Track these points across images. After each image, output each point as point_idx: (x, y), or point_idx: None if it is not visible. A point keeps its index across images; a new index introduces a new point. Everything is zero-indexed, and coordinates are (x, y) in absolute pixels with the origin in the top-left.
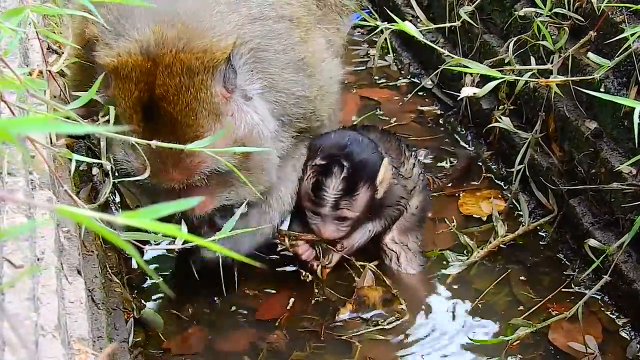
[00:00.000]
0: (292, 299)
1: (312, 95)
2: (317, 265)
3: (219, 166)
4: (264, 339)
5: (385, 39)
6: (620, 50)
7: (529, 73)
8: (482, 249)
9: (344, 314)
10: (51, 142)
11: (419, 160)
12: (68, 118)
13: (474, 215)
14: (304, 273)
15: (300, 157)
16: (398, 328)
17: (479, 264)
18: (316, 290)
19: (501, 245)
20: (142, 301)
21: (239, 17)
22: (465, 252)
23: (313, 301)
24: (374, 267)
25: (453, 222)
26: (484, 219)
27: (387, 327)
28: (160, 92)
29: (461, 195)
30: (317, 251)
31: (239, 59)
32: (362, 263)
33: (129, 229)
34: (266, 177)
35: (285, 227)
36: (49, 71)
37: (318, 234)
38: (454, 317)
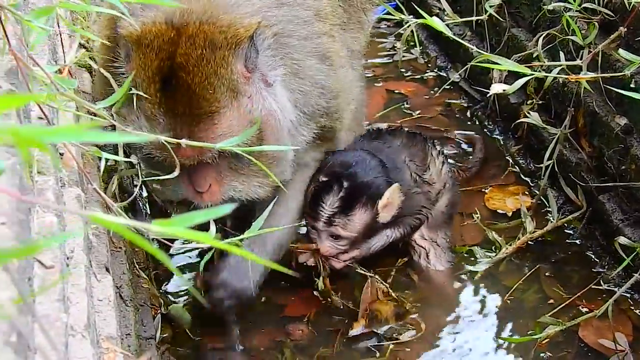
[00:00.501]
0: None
1: (336, 89)
2: (320, 278)
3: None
4: (290, 334)
5: (412, 32)
6: None
7: (558, 69)
8: (510, 245)
9: (356, 330)
10: None
11: (446, 157)
12: (95, 115)
13: (501, 211)
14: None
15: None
16: (425, 327)
17: (508, 261)
18: (324, 300)
19: (529, 242)
20: (170, 297)
21: (266, 0)
22: (493, 248)
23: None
24: (379, 279)
25: (479, 217)
26: (510, 214)
27: (402, 340)
28: (181, 61)
29: (488, 190)
30: (318, 262)
31: (262, 41)
32: (367, 273)
33: (159, 232)
34: (278, 169)
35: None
36: (69, 67)
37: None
38: (482, 314)
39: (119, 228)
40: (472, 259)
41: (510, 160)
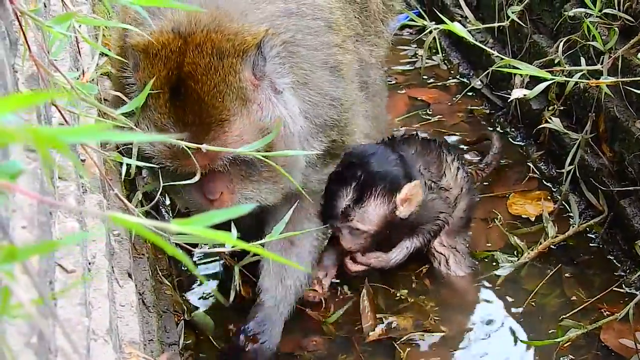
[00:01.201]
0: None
1: (346, 102)
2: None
3: (241, 154)
4: (305, 347)
5: (434, 39)
6: None
7: (579, 74)
8: (532, 249)
9: (374, 335)
10: (102, 145)
11: (462, 162)
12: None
13: (523, 216)
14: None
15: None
16: (447, 331)
17: (530, 265)
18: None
19: (551, 246)
20: (193, 303)
21: (275, 9)
22: (515, 253)
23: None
24: (370, 290)
25: (500, 219)
26: (533, 219)
27: (421, 342)
28: (188, 70)
29: (511, 196)
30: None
31: (270, 49)
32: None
33: (179, 232)
34: (290, 175)
35: None
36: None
37: (341, 243)
38: (504, 318)
39: (138, 228)
40: (494, 263)
41: (532, 166)
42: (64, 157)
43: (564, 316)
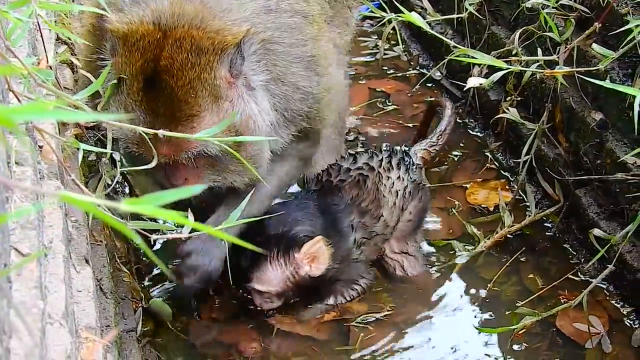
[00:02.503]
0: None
1: (318, 94)
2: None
3: (207, 149)
4: (243, 352)
5: (395, 31)
6: (625, 42)
7: (536, 64)
8: (489, 239)
9: (327, 317)
10: (59, 133)
11: (411, 164)
12: (76, 108)
13: (481, 206)
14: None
15: (293, 161)
16: (404, 318)
17: (486, 254)
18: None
19: (508, 236)
20: (151, 291)
21: (256, 6)
22: (472, 242)
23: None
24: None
25: (458, 206)
26: (491, 209)
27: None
28: (165, 64)
29: (469, 185)
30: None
31: (249, 48)
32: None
33: (136, 218)
34: (254, 167)
35: None
36: (50, 62)
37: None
38: (460, 306)
39: (89, 207)
40: (452, 252)
41: (490, 157)
42: (20, 142)
43: (520, 303)
